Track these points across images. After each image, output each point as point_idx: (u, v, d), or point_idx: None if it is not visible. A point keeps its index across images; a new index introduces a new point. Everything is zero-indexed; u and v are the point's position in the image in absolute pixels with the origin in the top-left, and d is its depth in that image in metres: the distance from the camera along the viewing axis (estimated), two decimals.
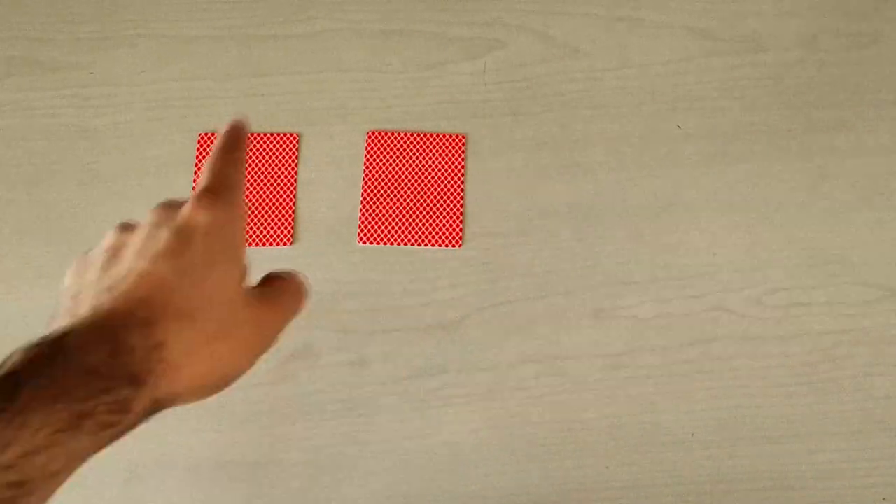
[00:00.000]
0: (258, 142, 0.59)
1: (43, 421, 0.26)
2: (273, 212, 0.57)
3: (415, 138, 0.59)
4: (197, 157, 0.58)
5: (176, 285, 0.31)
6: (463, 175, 0.58)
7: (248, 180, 0.58)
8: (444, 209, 0.58)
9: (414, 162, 0.58)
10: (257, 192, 0.58)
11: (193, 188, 0.57)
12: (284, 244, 0.57)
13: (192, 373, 0.31)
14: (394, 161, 0.58)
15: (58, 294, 0.34)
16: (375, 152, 0.59)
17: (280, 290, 0.36)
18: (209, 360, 0.31)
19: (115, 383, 0.28)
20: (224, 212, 0.34)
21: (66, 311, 0.32)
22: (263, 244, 0.57)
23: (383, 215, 0.57)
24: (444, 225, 0.57)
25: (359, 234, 0.57)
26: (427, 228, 0.57)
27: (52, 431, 0.26)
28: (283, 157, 0.58)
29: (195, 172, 0.58)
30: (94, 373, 0.28)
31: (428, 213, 0.57)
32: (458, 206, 0.58)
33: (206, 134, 0.59)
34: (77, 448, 0.27)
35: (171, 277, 0.31)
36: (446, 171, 0.58)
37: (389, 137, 0.59)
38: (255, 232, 0.57)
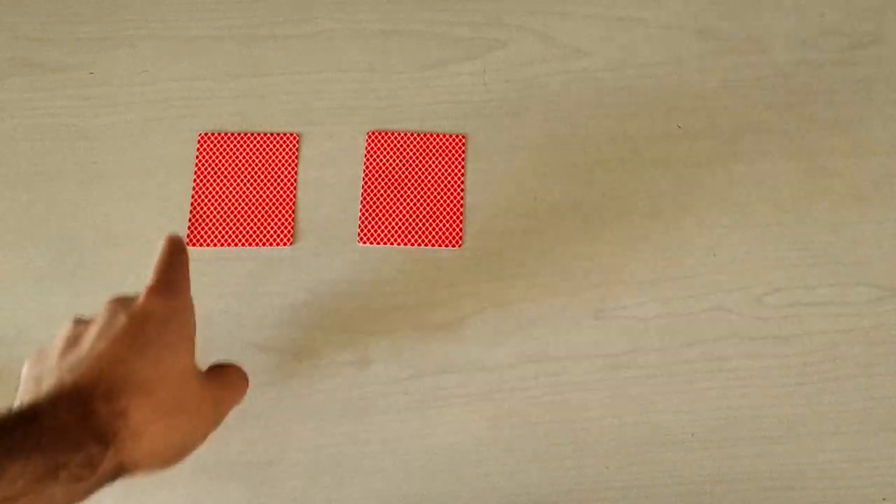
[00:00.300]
0: (258, 142, 0.59)
1: (20, 471, 0.28)
2: (273, 212, 0.57)
3: (415, 138, 0.59)
4: (197, 157, 0.58)
5: (134, 363, 0.34)
6: (463, 175, 0.58)
7: (248, 180, 0.58)
8: (444, 209, 0.58)
9: (414, 162, 0.58)
10: (257, 192, 0.58)
11: (194, 188, 0.57)
12: (284, 244, 0.57)
13: (152, 441, 0.33)
14: (394, 161, 0.58)
15: (19, 384, 0.37)
16: (375, 152, 0.59)
17: (227, 375, 0.42)
18: (167, 431, 0.35)
19: (85, 441, 0.30)
20: (173, 302, 0.38)
21: (28, 392, 0.35)
22: (263, 244, 0.57)
23: (383, 215, 0.57)
24: (444, 225, 0.57)
25: (359, 234, 0.57)
26: (427, 228, 0.57)
27: (29, 480, 0.29)
28: (283, 157, 0.58)
29: (195, 172, 0.58)
30: (66, 431, 0.30)
31: (428, 213, 0.57)
32: (458, 206, 0.58)
33: (206, 134, 0.59)
34: (53, 497, 0.30)
35: (130, 356, 0.34)
36: (446, 171, 0.58)
37: (389, 137, 0.59)
38: (255, 232, 0.57)
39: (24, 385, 0.36)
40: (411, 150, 0.59)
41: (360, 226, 0.57)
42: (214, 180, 0.58)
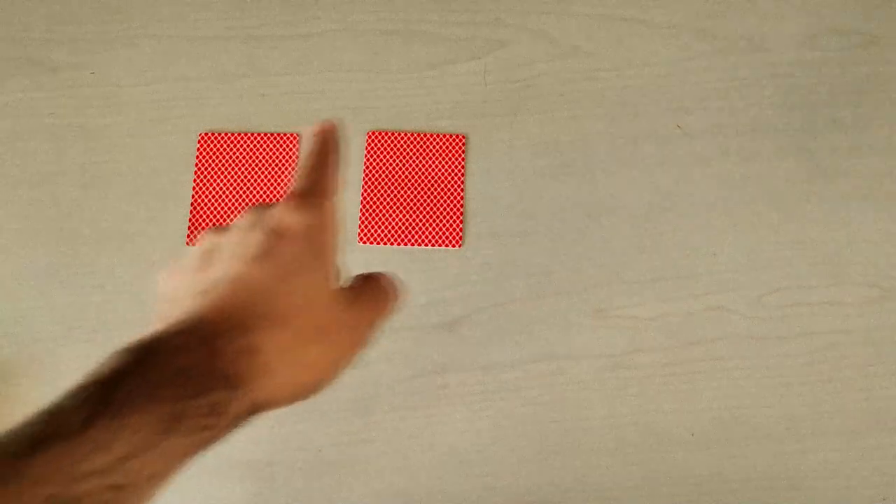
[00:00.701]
0: (258, 142, 0.59)
1: (139, 423, 0.26)
2: None
3: (415, 138, 0.59)
4: (197, 157, 0.58)
5: (269, 289, 0.31)
6: (463, 175, 0.58)
7: (249, 180, 0.58)
8: (444, 209, 0.58)
9: (414, 162, 0.58)
10: (258, 193, 0.58)
11: (194, 188, 0.57)
12: None
13: (286, 376, 0.30)
14: (394, 161, 0.58)
15: (154, 299, 0.34)
16: (375, 152, 0.59)
17: (371, 290, 0.36)
18: (303, 363, 0.31)
19: (211, 385, 0.28)
20: (316, 214, 0.33)
21: (160, 316, 0.32)
22: None
23: (383, 215, 0.57)
24: (444, 225, 0.57)
25: (359, 234, 0.57)
26: (427, 228, 0.57)
27: (148, 433, 0.26)
28: (284, 158, 0.58)
29: (195, 172, 0.58)
30: (189, 375, 0.27)
31: (428, 213, 0.57)
32: (458, 206, 0.58)
33: (206, 134, 0.59)
34: (174, 450, 0.27)
35: (265, 281, 0.31)
36: (446, 171, 0.58)
37: (389, 137, 0.59)
38: None
39: (158, 303, 0.33)
40: (411, 150, 0.59)
41: (360, 226, 0.57)
42: (214, 180, 0.58)
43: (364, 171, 0.58)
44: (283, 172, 0.58)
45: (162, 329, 0.29)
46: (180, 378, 0.27)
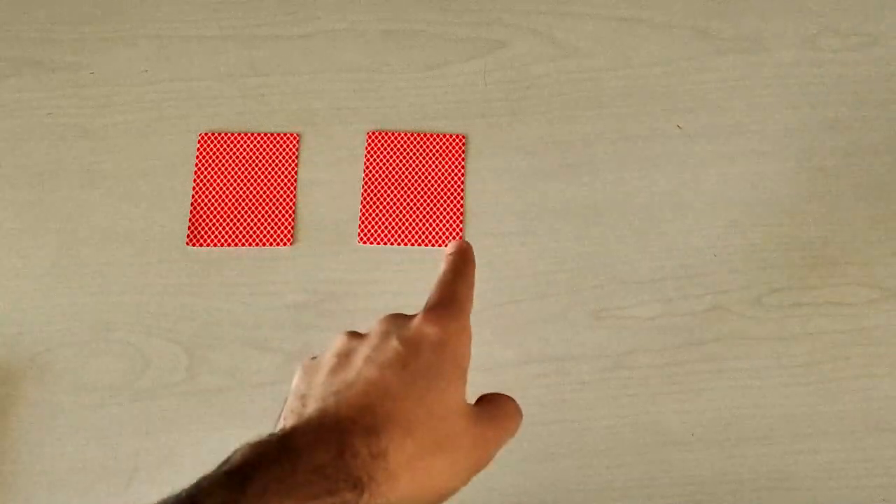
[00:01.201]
0: (258, 142, 0.59)
1: None
2: (273, 212, 0.57)
3: (415, 138, 0.59)
4: (197, 157, 0.58)
5: (401, 396, 0.31)
6: (463, 175, 0.58)
7: (248, 180, 0.58)
8: (444, 209, 0.58)
9: (414, 162, 0.58)
10: (257, 192, 0.58)
11: (194, 188, 0.57)
12: (284, 244, 0.57)
13: (409, 484, 0.30)
14: (394, 161, 0.58)
15: (287, 395, 0.35)
16: (375, 152, 0.59)
17: (498, 409, 0.37)
18: (426, 473, 0.31)
19: (340, 486, 0.28)
20: (453, 327, 0.34)
21: (293, 411, 0.32)
22: (263, 244, 0.57)
23: (383, 215, 0.57)
24: (444, 225, 0.57)
25: (359, 234, 0.57)
26: (427, 228, 0.57)
27: None
28: (283, 157, 0.58)
29: (195, 172, 0.58)
30: (321, 472, 0.28)
31: (428, 213, 0.57)
32: (458, 206, 0.58)
33: (206, 134, 0.59)
34: None
35: (398, 388, 0.31)
36: (446, 171, 0.58)
37: (389, 137, 0.59)
38: (255, 232, 0.57)
39: (290, 399, 0.33)
40: (411, 150, 0.59)
41: (360, 226, 0.57)
42: (214, 180, 0.58)
43: (364, 171, 0.58)
44: (283, 172, 0.58)
45: (296, 424, 0.30)
46: (312, 475, 0.28)
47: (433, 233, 0.57)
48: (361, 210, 0.57)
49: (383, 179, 0.58)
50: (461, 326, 0.35)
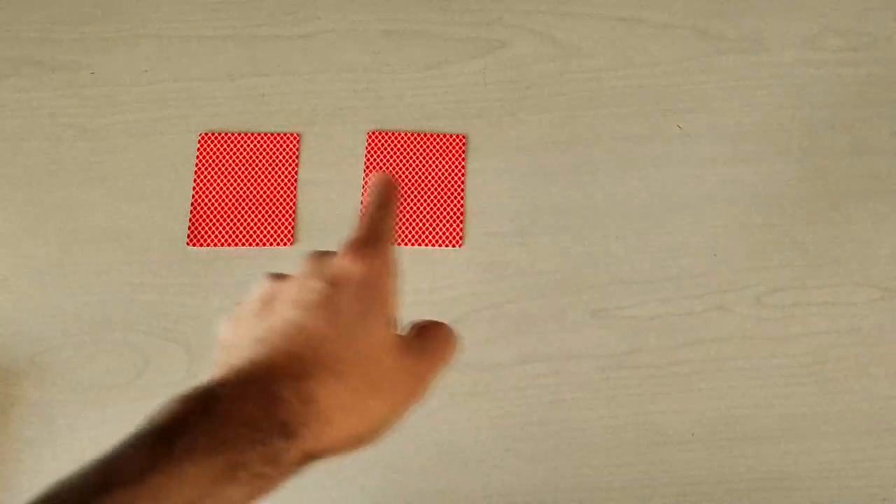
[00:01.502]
0: (258, 142, 0.59)
1: (200, 471, 0.26)
2: (273, 212, 0.57)
3: (415, 138, 0.59)
4: (197, 157, 0.58)
5: (327, 337, 0.31)
6: (463, 175, 0.58)
7: (249, 180, 0.58)
8: (444, 209, 0.58)
9: (414, 162, 0.58)
10: (257, 192, 0.58)
11: (194, 188, 0.57)
12: (284, 244, 0.57)
13: (342, 426, 0.30)
14: (394, 161, 0.58)
15: (214, 345, 0.34)
16: (375, 152, 0.59)
17: (430, 340, 0.36)
18: (359, 413, 0.31)
19: (269, 434, 0.28)
20: (376, 263, 0.34)
21: (221, 363, 0.32)
22: (263, 244, 0.57)
23: None
24: (444, 225, 0.57)
25: None
26: (427, 228, 0.57)
27: (207, 483, 0.26)
28: (283, 157, 0.58)
29: (195, 172, 0.58)
30: (249, 424, 0.28)
31: (428, 213, 0.57)
32: (458, 206, 0.58)
33: (206, 134, 0.59)
34: (230, 498, 0.27)
35: (324, 329, 0.31)
36: (446, 171, 0.58)
37: (389, 137, 0.59)
38: (255, 232, 0.57)
39: (218, 350, 0.33)
40: (411, 150, 0.59)
41: None
42: (214, 180, 0.58)
43: (364, 171, 0.58)
44: (283, 172, 0.58)
45: (221, 377, 0.29)
46: (241, 428, 0.27)
47: (433, 233, 0.57)
48: (361, 210, 0.57)
49: None
50: (384, 261, 0.34)
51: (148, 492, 0.25)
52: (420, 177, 0.58)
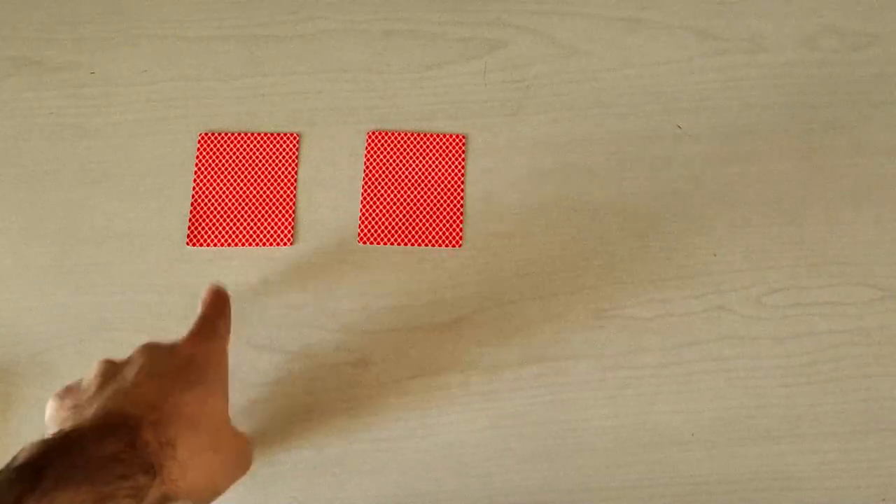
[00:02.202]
0: (258, 142, 0.59)
1: (68, 501, 0.28)
2: (273, 212, 0.57)
3: (415, 138, 0.59)
4: (197, 157, 0.58)
5: (181, 398, 0.35)
6: (463, 175, 0.58)
7: (248, 180, 0.58)
8: (444, 209, 0.58)
9: (414, 162, 0.58)
10: (257, 192, 0.58)
11: (194, 188, 0.57)
12: (284, 244, 0.57)
13: (194, 476, 0.33)
14: (394, 161, 0.58)
15: (46, 421, 0.36)
16: (375, 152, 0.59)
17: (244, 440, 0.42)
18: (208, 468, 0.35)
19: (133, 471, 0.30)
20: (214, 345, 0.40)
21: (66, 420, 0.34)
22: (263, 244, 0.57)
23: (383, 215, 0.57)
24: (444, 225, 0.57)
25: (359, 234, 0.57)
26: (427, 228, 0.57)
27: None
28: (283, 157, 0.58)
29: (195, 172, 0.58)
30: (115, 460, 0.30)
31: (428, 213, 0.57)
32: (458, 206, 0.58)
33: (206, 134, 0.59)
34: None
35: (177, 391, 0.35)
36: (446, 171, 0.58)
37: (389, 137, 0.59)
38: (255, 232, 0.57)
39: (58, 417, 0.35)
40: (411, 150, 0.59)
41: (360, 226, 0.57)
42: (214, 180, 0.58)
43: (364, 171, 0.58)
44: (283, 172, 0.58)
45: (78, 424, 0.32)
46: (107, 463, 0.29)
47: (433, 233, 0.57)
48: (361, 210, 0.57)
49: (383, 179, 0.58)
50: (221, 347, 0.41)
51: None
52: (420, 177, 0.58)
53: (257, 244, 0.57)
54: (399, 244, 0.57)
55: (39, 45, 0.61)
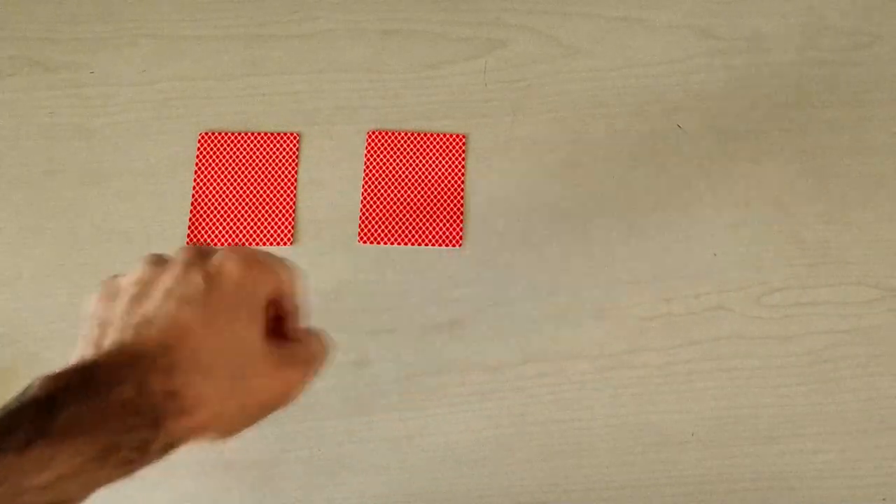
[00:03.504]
0: (258, 141, 0.59)
1: (76, 451, 0.27)
2: (273, 212, 0.57)
3: (415, 138, 0.59)
4: (197, 157, 0.58)
5: (199, 335, 0.32)
6: (463, 175, 0.58)
7: (249, 180, 0.58)
8: (444, 209, 0.58)
9: (414, 162, 0.58)
10: (257, 192, 0.58)
11: (194, 188, 0.57)
12: (284, 244, 0.57)
13: (205, 419, 0.31)
14: (394, 161, 0.58)
15: (82, 316, 0.34)
16: (375, 152, 0.59)
17: (301, 349, 0.37)
18: (223, 410, 0.32)
19: (140, 422, 0.29)
20: (254, 270, 0.34)
21: (91, 339, 0.32)
22: (263, 244, 0.57)
23: (383, 215, 0.57)
24: (444, 225, 0.57)
25: (359, 234, 0.57)
26: (427, 228, 0.57)
27: (83, 461, 0.27)
28: (283, 157, 0.58)
29: (195, 172, 0.58)
30: (124, 408, 0.28)
31: (428, 213, 0.57)
32: (458, 206, 0.58)
33: (206, 134, 0.59)
34: (99, 479, 0.28)
35: (196, 327, 0.32)
36: (446, 171, 0.58)
37: (389, 137, 0.59)
38: (255, 232, 0.57)
39: (88, 326, 0.33)
40: (411, 150, 0.59)
41: (360, 226, 0.57)
42: (214, 180, 0.58)
43: (364, 171, 0.58)
44: (283, 172, 0.58)
45: (95, 357, 0.30)
46: (117, 412, 0.28)
47: (433, 233, 0.57)
48: (361, 210, 0.57)
49: (383, 179, 0.58)
50: (266, 270, 0.35)
51: (28, 462, 0.26)
52: (420, 177, 0.58)
53: (257, 244, 0.57)
54: (399, 244, 0.57)
55: (39, 45, 0.61)
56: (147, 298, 0.33)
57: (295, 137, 0.59)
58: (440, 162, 0.58)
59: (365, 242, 0.57)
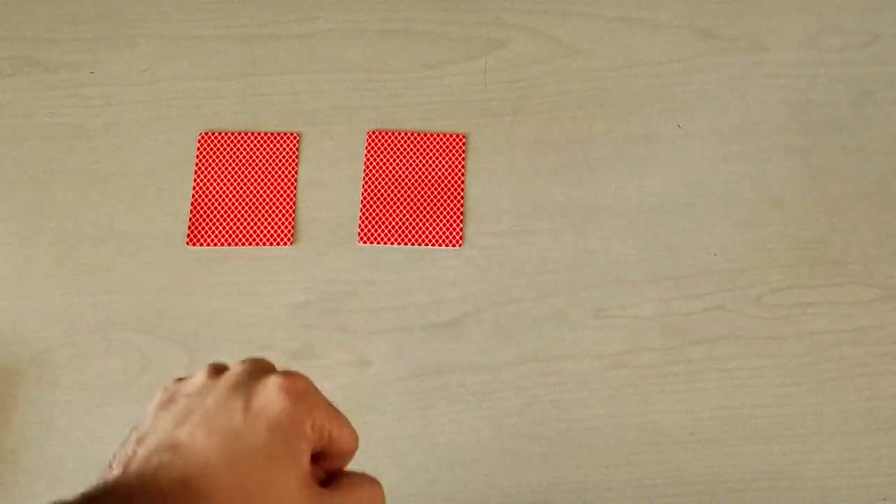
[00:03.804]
0: (258, 141, 0.59)
1: None
2: (273, 212, 0.57)
3: (415, 138, 0.59)
4: (197, 157, 0.58)
5: (223, 474, 0.29)
6: (463, 175, 0.58)
7: (249, 180, 0.58)
8: (444, 209, 0.58)
9: (414, 162, 0.58)
10: (257, 192, 0.58)
11: (194, 188, 0.57)
12: (284, 244, 0.57)
13: None
14: (394, 161, 0.58)
15: (140, 417, 0.33)
16: (375, 152, 0.59)
17: (350, 500, 0.34)
18: None
19: None
20: (302, 404, 0.32)
21: (123, 457, 0.31)
22: (263, 244, 0.57)
23: (383, 215, 0.57)
24: (444, 225, 0.57)
25: (359, 234, 0.57)
26: (427, 228, 0.57)
27: None
28: (283, 157, 0.58)
29: (195, 172, 0.58)
30: None
31: (428, 213, 0.57)
32: (458, 206, 0.58)
33: (206, 134, 0.59)
34: None
35: (221, 464, 0.30)
36: (446, 171, 0.58)
37: (389, 137, 0.59)
38: (255, 232, 0.57)
39: (129, 437, 0.32)
40: (411, 150, 0.59)
41: (360, 226, 0.57)
42: (214, 180, 0.58)
43: (364, 170, 0.58)
44: (283, 172, 0.58)
45: (120, 481, 0.29)
46: None
47: (433, 233, 0.57)
48: (361, 210, 0.57)
49: (383, 179, 0.58)
50: (310, 405, 0.33)
51: None
52: (420, 177, 0.58)
53: (257, 244, 0.57)
54: (399, 244, 0.57)
55: (39, 45, 0.61)
56: (187, 420, 0.31)
57: (295, 137, 0.59)
58: (440, 162, 0.58)
59: (365, 242, 0.57)
